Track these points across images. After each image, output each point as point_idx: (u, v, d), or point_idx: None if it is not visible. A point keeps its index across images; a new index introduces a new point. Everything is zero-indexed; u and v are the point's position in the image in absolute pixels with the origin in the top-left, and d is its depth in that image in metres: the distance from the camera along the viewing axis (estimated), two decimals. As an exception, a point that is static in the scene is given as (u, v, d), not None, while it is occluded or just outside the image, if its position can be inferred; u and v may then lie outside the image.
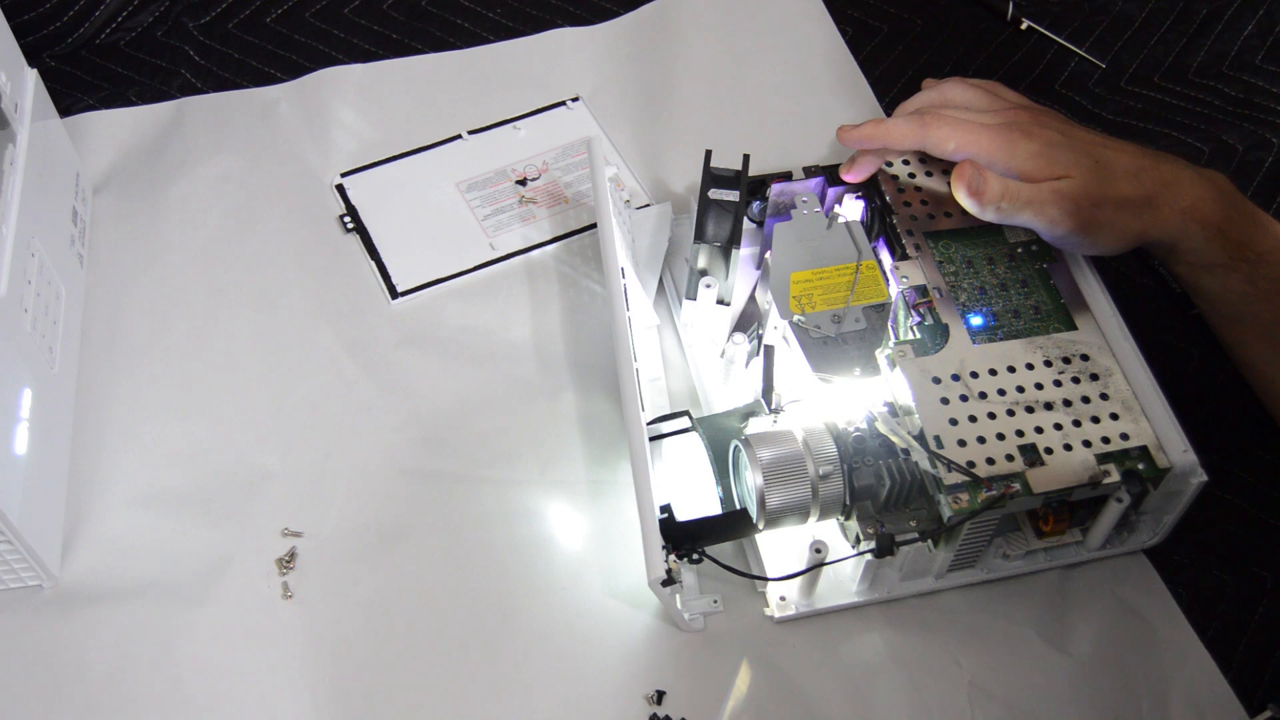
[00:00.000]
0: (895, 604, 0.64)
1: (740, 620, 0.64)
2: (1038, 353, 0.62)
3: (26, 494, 0.60)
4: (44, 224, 0.68)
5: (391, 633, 0.63)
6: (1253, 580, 0.66)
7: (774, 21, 0.91)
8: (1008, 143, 0.64)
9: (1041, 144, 0.64)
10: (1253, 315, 0.67)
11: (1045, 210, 0.63)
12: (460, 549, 0.66)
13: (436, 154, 0.83)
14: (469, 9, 0.91)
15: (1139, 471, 0.59)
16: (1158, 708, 0.62)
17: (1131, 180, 0.64)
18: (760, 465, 0.60)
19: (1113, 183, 0.64)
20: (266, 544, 0.66)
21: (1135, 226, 0.64)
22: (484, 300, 0.76)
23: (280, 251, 0.77)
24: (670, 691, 0.61)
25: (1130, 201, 0.64)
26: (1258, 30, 0.90)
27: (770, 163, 0.73)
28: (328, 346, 0.73)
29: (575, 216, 0.80)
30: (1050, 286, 0.66)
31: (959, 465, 0.58)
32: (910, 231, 0.68)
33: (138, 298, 0.75)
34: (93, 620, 0.63)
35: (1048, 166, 0.64)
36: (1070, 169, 0.64)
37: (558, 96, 0.86)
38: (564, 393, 0.72)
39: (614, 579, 0.64)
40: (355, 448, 0.69)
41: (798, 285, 0.65)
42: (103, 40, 0.87)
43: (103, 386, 0.71)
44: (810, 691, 0.62)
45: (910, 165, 0.70)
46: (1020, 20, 0.91)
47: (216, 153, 0.81)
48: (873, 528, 0.60)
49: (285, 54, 0.88)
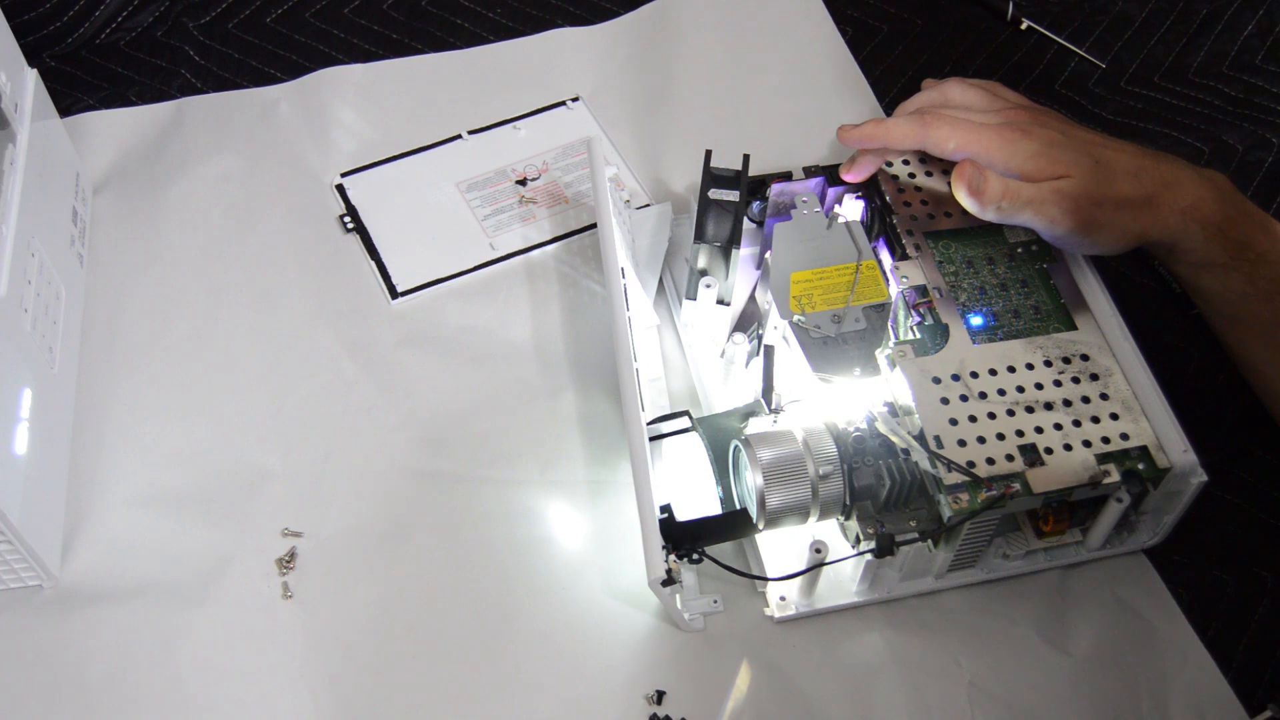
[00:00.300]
0: (895, 604, 0.64)
1: (740, 620, 0.64)
2: (1038, 353, 0.62)
3: (26, 494, 0.60)
4: (44, 224, 0.68)
5: (391, 633, 0.63)
6: (1253, 580, 0.66)
7: (774, 21, 0.91)
8: (1008, 142, 0.64)
9: (1041, 144, 0.64)
10: (1253, 315, 0.67)
11: (1045, 210, 0.63)
12: (460, 549, 0.66)
13: (436, 154, 0.83)
14: (469, 9, 0.91)
15: (1139, 471, 0.59)
16: (1158, 708, 0.62)
17: (1132, 180, 0.64)
18: (760, 465, 0.60)
19: (1113, 182, 0.64)
20: (266, 544, 0.66)
21: (1135, 226, 0.64)
22: (484, 300, 0.76)
23: (280, 251, 0.77)
24: (670, 691, 0.61)
25: (1130, 201, 0.64)
26: (1258, 30, 0.90)
27: (770, 163, 0.73)
28: (328, 346, 0.73)
29: (575, 216, 0.80)
30: (1050, 286, 0.66)
31: (959, 465, 0.58)
32: (910, 231, 0.68)
33: (138, 298, 0.75)
34: (93, 620, 0.63)
35: (1048, 166, 0.64)
36: (1070, 169, 0.64)
37: (558, 96, 0.86)
38: (564, 393, 0.72)
39: (614, 579, 0.64)
40: (355, 448, 0.69)
41: (798, 285, 0.65)
42: (103, 40, 0.87)
43: (103, 386, 0.71)
44: (810, 691, 0.62)
45: (910, 165, 0.70)
46: (1020, 20, 0.91)
47: (216, 153, 0.81)
48: (873, 528, 0.60)
49: (285, 54, 0.88)
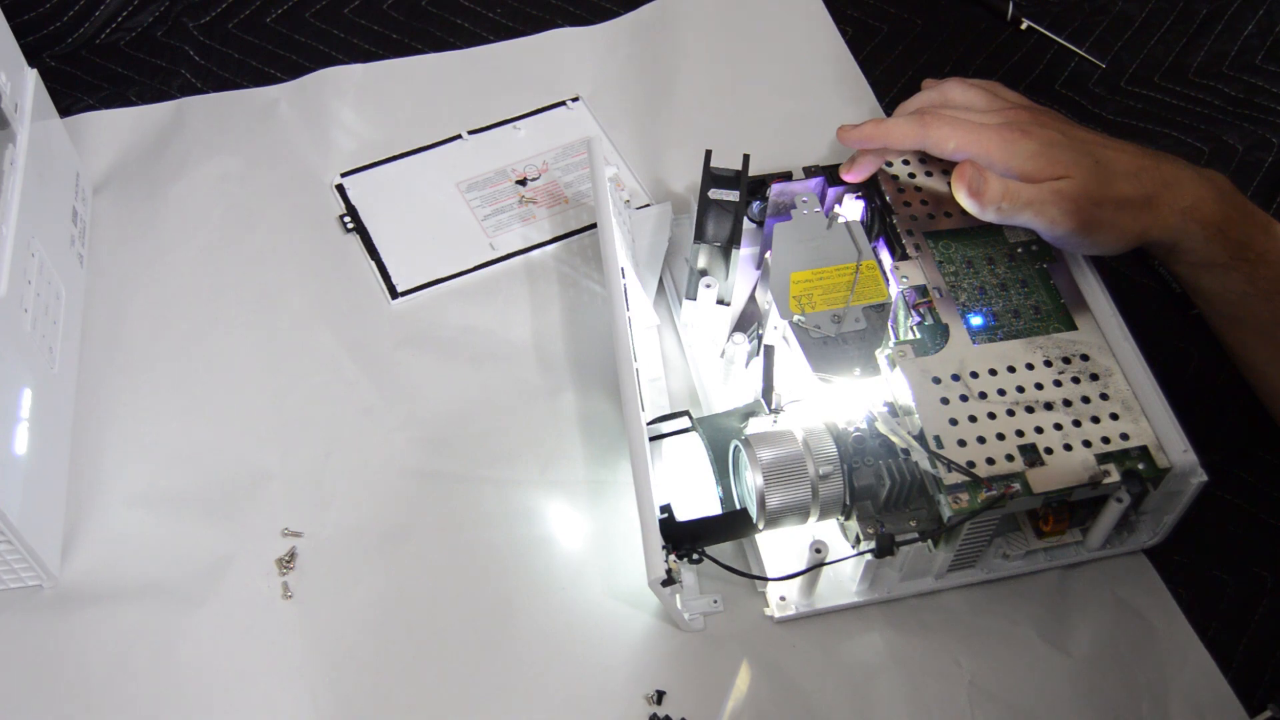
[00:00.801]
0: (895, 604, 0.64)
1: (740, 620, 0.64)
2: (1038, 353, 0.62)
3: (26, 494, 0.60)
4: (44, 224, 0.68)
5: (391, 632, 0.63)
6: (1253, 580, 0.66)
7: (774, 21, 0.91)
8: (1007, 143, 0.64)
9: (1041, 144, 0.64)
10: (1253, 315, 0.67)
11: (1045, 210, 0.63)
12: (460, 549, 0.66)
13: (436, 154, 0.83)
14: (469, 9, 0.91)
15: (1139, 471, 0.59)
16: (1158, 708, 0.62)
17: (1132, 180, 0.64)
18: (760, 465, 0.60)
19: (1113, 182, 0.64)
20: (266, 544, 0.66)
21: (1135, 226, 0.64)
22: (484, 300, 0.76)
23: (280, 251, 0.77)
24: (670, 691, 0.61)
25: (1130, 201, 0.64)
26: (1258, 30, 0.90)
27: (770, 163, 0.73)
28: (328, 346, 0.73)
29: (575, 216, 0.80)
30: (1050, 286, 0.66)
31: (959, 465, 0.58)
32: (910, 231, 0.68)
33: (138, 298, 0.75)
34: (93, 620, 0.63)
35: (1048, 166, 0.64)
36: (1070, 169, 0.64)
37: (558, 96, 0.86)
38: (564, 393, 0.72)
39: (614, 579, 0.64)
40: (355, 448, 0.69)
41: (798, 285, 0.65)
42: (103, 40, 0.87)
43: (103, 386, 0.71)
44: (810, 691, 0.62)
45: (910, 165, 0.70)
46: (1020, 20, 0.91)
47: (216, 153, 0.81)
48: (873, 528, 0.60)
49: (285, 54, 0.88)
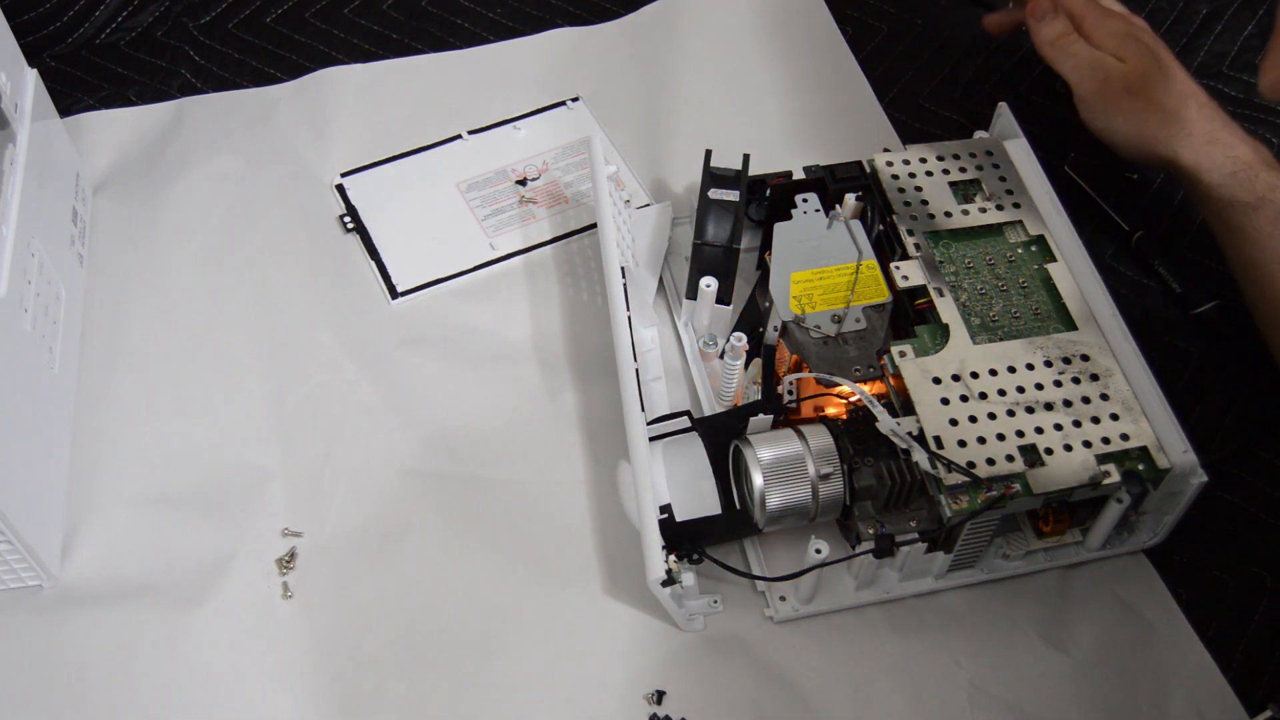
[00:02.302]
0: (895, 604, 0.64)
1: (740, 620, 0.63)
2: (1038, 353, 0.62)
3: (26, 494, 0.61)
4: (44, 224, 0.68)
5: (391, 633, 0.63)
6: (1253, 580, 0.66)
7: (774, 21, 0.91)
8: (1099, 9, 0.69)
9: (1126, 31, 0.69)
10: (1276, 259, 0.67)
11: (1080, 69, 0.68)
12: (460, 549, 0.66)
13: (436, 154, 0.83)
14: (469, 9, 0.91)
15: (1139, 472, 0.59)
16: (1158, 708, 0.62)
17: (1181, 101, 0.67)
18: (760, 465, 0.60)
19: (1156, 86, 0.67)
20: (266, 544, 0.66)
21: (1158, 132, 0.67)
22: (484, 300, 0.76)
23: (280, 251, 0.77)
24: (670, 691, 0.61)
25: (1162, 109, 0.66)
26: (1258, 30, 0.90)
27: (770, 163, 0.73)
28: (328, 346, 0.73)
29: (575, 216, 0.80)
30: (1050, 287, 0.66)
31: (959, 465, 0.58)
32: (910, 231, 0.68)
33: (138, 298, 0.75)
34: (93, 620, 0.63)
35: (1116, 45, 0.68)
36: (1131, 57, 0.68)
37: (558, 96, 0.86)
38: (564, 393, 0.72)
39: (614, 579, 0.64)
40: (355, 448, 0.69)
41: (798, 285, 0.65)
42: (103, 40, 0.87)
43: (103, 387, 0.71)
44: (810, 691, 0.62)
45: (910, 164, 0.70)
46: (1020, 20, 0.91)
47: (216, 153, 0.81)
48: (873, 528, 0.60)
49: (285, 54, 0.88)
